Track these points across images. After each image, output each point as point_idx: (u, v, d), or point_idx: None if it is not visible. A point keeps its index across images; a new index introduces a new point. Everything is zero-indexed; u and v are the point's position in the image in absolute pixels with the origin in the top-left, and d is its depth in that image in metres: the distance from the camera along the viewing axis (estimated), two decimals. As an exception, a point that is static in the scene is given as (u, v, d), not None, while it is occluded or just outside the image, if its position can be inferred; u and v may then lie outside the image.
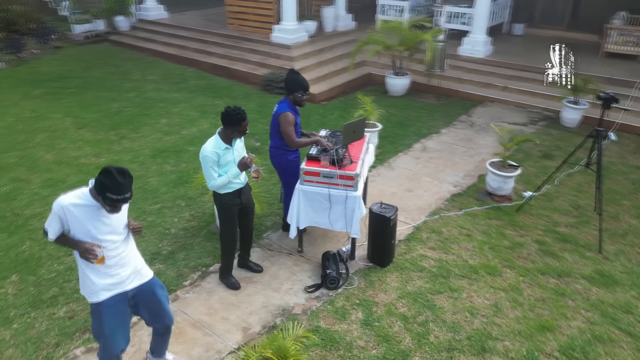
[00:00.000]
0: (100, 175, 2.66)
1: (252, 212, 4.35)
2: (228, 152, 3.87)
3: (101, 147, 6.98)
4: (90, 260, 2.81)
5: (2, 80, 9.69)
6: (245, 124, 3.80)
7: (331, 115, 8.60)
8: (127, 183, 2.69)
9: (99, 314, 2.96)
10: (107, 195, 2.65)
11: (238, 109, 3.76)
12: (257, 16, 11.61)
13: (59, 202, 2.75)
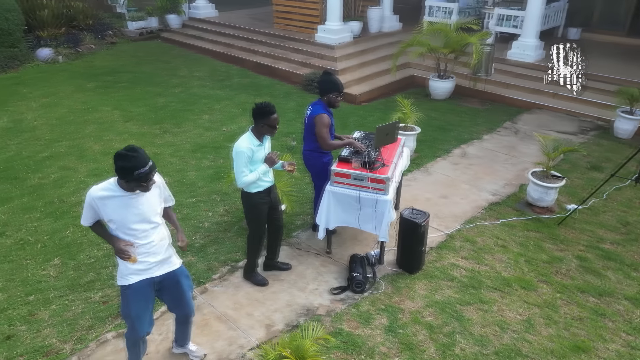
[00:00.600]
0: (118, 162, 2.70)
1: (280, 211, 4.38)
2: (260, 150, 3.93)
3: (145, 140, 7.24)
4: (124, 259, 2.92)
5: (59, 73, 10.25)
6: (274, 118, 3.83)
7: (370, 117, 8.53)
8: (143, 154, 2.75)
9: (127, 296, 3.08)
10: (136, 173, 2.69)
11: (267, 103, 3.83)
12: (302, 16, 11.69)
13: (90, 194, 2.85)
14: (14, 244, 4.89)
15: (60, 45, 11.50)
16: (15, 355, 3.60)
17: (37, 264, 4.60)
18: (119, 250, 2.92)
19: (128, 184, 2.79)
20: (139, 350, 3.33)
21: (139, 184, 2.77)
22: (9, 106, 8.41)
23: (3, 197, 5.70)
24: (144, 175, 2.72)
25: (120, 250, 2.92)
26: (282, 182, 5.17)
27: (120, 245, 2.92)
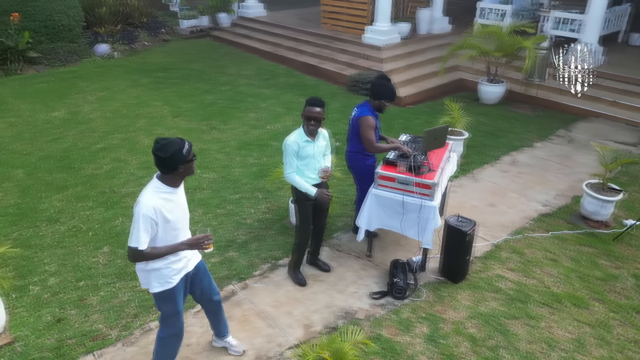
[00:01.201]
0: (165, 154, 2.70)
1: (326, 211, 4.37)
2: (308, 146, 3.96)
3: (192, 136, 7.42)
4: (206, 247, 2.94)
5: (115, 69, 10.68)
6: (308, 109, 3.84)
7: (416, 120, 8.38)
8: (173, 138, 2.78)
9: (173, 296, 3.09)
10: (184, 153, 2.74)
11: (314, 97, 3.91)
12: (350, 16, 11.65)
13: (143, 207, 2.73)
14: (68, 230, 5.12)
15: (116, 42, 11.99)
16: (65, 337, 3.75)
17: (88, 251, 4.79)
18: (197, 241, 2.92)
19: (177, 174, 2.81)
20: (179, 345, 3.36)
21: (191, 163, 2.81)
22: (67, 99, 8.83)
23: (59, 186, 5.98)
24: (189, 152, 2.78)
25: (197, 241, 2.93)
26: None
27: (195, 238, 2.95)
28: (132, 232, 2.77)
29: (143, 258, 2.85)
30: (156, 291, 3.04)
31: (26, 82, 9.58)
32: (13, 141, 7.11)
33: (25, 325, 3.84)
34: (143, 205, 2.74)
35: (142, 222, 2.74)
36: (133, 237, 2.77)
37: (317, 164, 4.07)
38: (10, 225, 5.15)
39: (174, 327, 3.24)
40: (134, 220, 2.77)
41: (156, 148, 2.74)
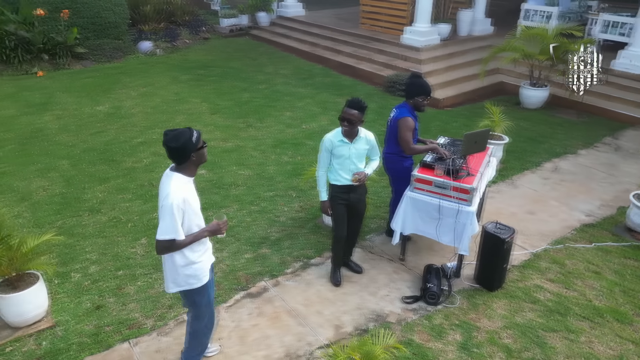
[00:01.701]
0: (176, 144, 2.74)
1: (360, 214, 4.32)
2: (343, 146, 3.95)
3: (229, 133, 7.53)
4: (223, 231, 3.00)
5: (157, 65, 10.96)
6: (348, 111, 3.80)
7: (454, 123, 8.22)
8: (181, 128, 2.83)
9: (206, 290, 3.15)
10: (194, 141, 2.78)
11: (354, 98, 3.89)
12: (389, 17, 11.55)
13: (175, 199, 2.75)
14: (108, 221, 5.28)
15: (159, 39, 12.30)
16: (103, 324, 3.87)
17: (127, 242, 4.93)
18: (217, 227, 2.96)
19: (191, 162, 2.83)
20: (211, 334, 3.44)
21: (202, 151, 2.84)
22: (111, 93, 9.13)
23: (102, 177, 6.19)
24: (200, 138, 2.83)
25: (217, 227, 2.97)
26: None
27: (214, 224, 2.98)
28: (165, 224, 2.77)
29: (173, 249, 2.86)
30: (198, 286, 3.07)
31: (73, 77, 9.96)
32: (59, 133, 7.41)
33: (66, 311, 3.99)
34: (174, 197, 2.75)
35: (176, 213, 2.76)
36: (168, 229, 2.77)
37: (352, 165, 4.03)
38: (55, 214, 5.36)
39: (210, 317, 3.31)
40: (164, 213, 2.77)
41: (167, 139, 2.76)
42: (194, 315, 3.26)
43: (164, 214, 2.78)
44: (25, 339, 3.68)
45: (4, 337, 3.66)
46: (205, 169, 6.37)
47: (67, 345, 3.66)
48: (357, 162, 4.04)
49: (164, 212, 2.78)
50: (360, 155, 4.04)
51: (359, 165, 4.06)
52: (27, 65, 10.18)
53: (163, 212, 2.78)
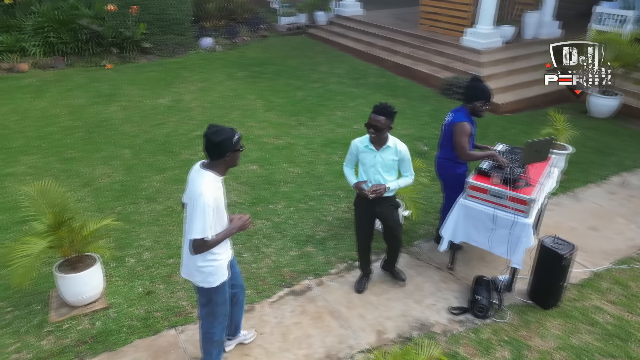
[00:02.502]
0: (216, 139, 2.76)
1: (390, 228, 4.07)
2: (368, 153, 3.78)
3: (281, 130, 7.61)
4: (248, 224, 3.04)
5: (216, 61, 11.27)
6: (374, 117, 3.60)
7: (513, 129, 7.88)
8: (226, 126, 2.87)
9: (224, 286, 3.12)
10: (233, 142, 2.82)
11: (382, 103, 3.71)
12: (450, 17, 11.24)
13: (207, 199, 2.76)
14: (163, 210, 5.48)
15: (219, 36, 12.65)
16: (152, 310, 4.02)
17: (179, 232, 5.07)
18: (244, 223, 3.01)
19: (223, 161, 2.85)
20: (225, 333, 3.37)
21: (237, 153, 2.88)
22: (172, 87, 9.48)
23: (160, 167, 6.43)
24: (239, 142, 2.87)
25: (244, 223, 3.02)
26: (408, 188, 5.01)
27: (240, 220, 3.02)
28: (196, 224, 2.76)
29: (207, 247, 2.87)
30: (217, 284, 3.04)
31: (138, 70, 10.44)
32: (123, 123, 7.78)
33: (119, 294, 4.17)
34: (207, 197, 2.75)
35: (208, 212, 2.76)
36: (199, 229, 2.76)
37: (377, 175, 3.78)
38: (115, 200, 5.63)
39: (223, 315, 3.21)
40: (197, 213, 2.75)
41: (209, 132, 2.79)
42: (208, 313, 3.17)
43: (196, 213, 2.76)
44: (80, 317, 3.89)
45: (62, 314, 3.88)
46: (257, 165, 6.47)
47: (119, 327, 3.83)
48: (384, 172, 3.77)
49: (196, 211, 2.76)
50: (387, 166, 3.77)
51: (386, 177, 3.78)
52: (98, 57, 10.77)
53: (196, 212, 2.77)
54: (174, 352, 3.63)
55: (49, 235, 3.63)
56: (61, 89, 9.10)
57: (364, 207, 3.98)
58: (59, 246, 3.75)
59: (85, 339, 3.69)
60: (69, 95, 8.79)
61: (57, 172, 6.13)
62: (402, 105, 8.83)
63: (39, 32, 10.40)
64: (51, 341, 3.66)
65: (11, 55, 10.07)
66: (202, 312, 3.22)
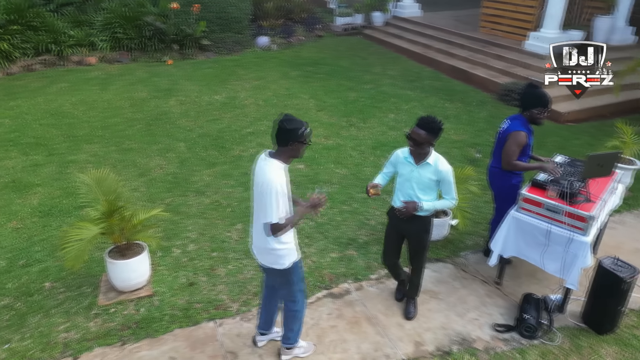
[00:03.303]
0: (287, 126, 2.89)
1: (414, 249, 3.80)
2: (406, 165, 3.57)
3: (331, 131, 7.59)
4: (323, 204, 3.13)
5: (271, 60, 11.44)
6: (415, 130, 3.37)
7: (575, 140, 7.44)
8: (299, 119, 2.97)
9: (299, 267, 3.29)
10: (300, 133, 2.92)
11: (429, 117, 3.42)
12: (513, 20, 10.79)
13: (278, 185, 2.88)
14: (211, 203, 5.61)
15: (276, 35, 12.83)
16: (193, 301, 4.11)
17: (224, 226, 5.20)
18: (314, 202, 3.10)
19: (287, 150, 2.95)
20: None
21: (301, 145, 2.96)
22: (227, 84, 9.71)
23: (211, 162, 6.60)
24: (307, 135, 2.96)
25: (314, 202, 3.10)
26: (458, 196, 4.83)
27: (312, 200, 3.11)
28: (272, 208, 2.91)
29: (282, 229, 3.00)
30: (293, 261, 3.19)
31: (196, 67, 10.78)
32: (180, 117, 8.05)
33: (164, 283, 4.31)
34: (277, 183, 2.90)
35: (280, 197, 2.92)
36: (274, 213, 2.92)
37: (410, 190, 3.55)
38: (166, 191, 5.83)
39: (302, 294, 3.38)
40: (270, 198, 2.89)
41: (282, 119, 2.95)
42: (288, 293, 3.33)
43: (270, 199, 2.90)
44: (126, 303, 4.04)
45: (109, 298, 4.06)
46: (304, 164, 6.49)
47: (161, 315, 3.95)
48: (418, 190, 3.53)
49: (270, 197, 2.90)
50: (423, 184, 3.51)
51: (420, 196, 3.54)
52: (160, 53, 11.23)
53: (269, 198, 2.90)
54: (210, 344, 3.70)
55: (102, 222, 3.81)
56: (125, 83, 9.56)
57: (392, 221, 3.82)
58: (110, 233, 3.92)
59: (130, 324, 3.84)
60: (132, 89, 9.21)
61: (115, 162, 6.43)
62: (458, 109, 8.58)
63: (107, 27, 10.98)
64: (98, 323, 3.83)
65: (81, 49, 10.70)
66: (282, 292, 3.38)
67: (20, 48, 10.00)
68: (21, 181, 5.80)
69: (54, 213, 5.23)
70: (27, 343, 3.62)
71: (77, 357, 3.54)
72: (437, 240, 5.00)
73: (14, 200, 5.42)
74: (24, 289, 4.15)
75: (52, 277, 4.30)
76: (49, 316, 3.88)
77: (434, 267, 4.66)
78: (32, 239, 4.79)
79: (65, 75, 9.83)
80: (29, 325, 3.78)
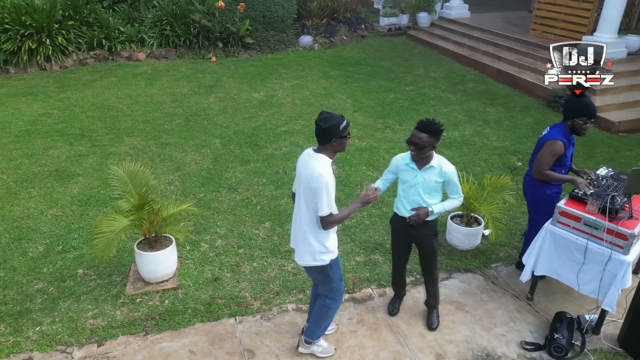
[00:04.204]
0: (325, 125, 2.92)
1: (426, 255, 3.71)
2: (409, 172, 3.47)
3: (366, 132, 7.50)
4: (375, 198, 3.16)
5: (312, 59, 11.45)
6: (415, 134, 3.29)
7: (627, 152, 7.00)
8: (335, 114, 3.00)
9: (337, 264, 3.32)
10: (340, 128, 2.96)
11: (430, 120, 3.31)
12: (566, 23, 10.29)
13: (328, 177, 2.98)
14: (241, 200, 5.68)
15: (319, 35, 12.83)
16: (216, 296, 4.17)
17: (253, 223, 5.24)
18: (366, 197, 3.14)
19: (331, 146, 3.01)
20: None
21: (344, 140, 3.01)
22: (267, 82, 9.81)
23: (244, 159, 6.68)
24: (346, 128, 3.00)
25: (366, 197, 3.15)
26: (492, 206, 4.65)
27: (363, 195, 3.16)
28: (323, 202, 2.97)
29: (334, 222, 3.07)
30: (327, 263, 3.21)
31: (239, 64, 10.96)
32: (218, 114, 8.20)
33: (189, 276, 4.39)
34: (327, 177, 2.97)
35: (331, 190, 3.00)
36: (326, 206, 2.99)
37: (416, 196, 3.47)
38: (200, 186, 5.95)
39: (340, 291, 3.42)
40: (321, 192, 2.96)
41: (319, 119, 2.98)
42: (327, 290, 3.38)
43: (320, 192, 2.97)
44: (152, 294, 4.15)
45: (137, 288, 4.18)
46: (335, 165, 6.44)
47: (184, 308, 4.03)
48: (425, 194, 3.45)
49: (320, 190, 2.97)
50: (430, 188, 3.44)
51: (427, 199, 3.46)
52: (205, 50, 11.49)
53: (320, 191, 2.97)
54: (229, 341, 3.73)
55: (132, 214, 3.92)
56: (170, 78, 9.85)
57: (398, 229, 3.72)
58: (140, 225, 4.03)
59: (154, 315, 3.94)
60: (175, 85, 9.48)
61: (153, 155, 6.63)
62: (500, 115, 8.28)
63: (156, 24, 11.35)
64: (124, 312, 3.95)
65: (131, 44, 11.11)
66: (322, 289, 3.42)
67: (75, 42, 10.51)
68: (64, 170, 6.09)
69: (91, 202, 5.45)
70: (57, 327, 3.79)
71: (101, 344, 3.66)
72: (468, 250, 4.84)
73: (56, 189, 5.69)
74: (58, 274, 4.35)
75: (86, 264, 4.48)
76: (79, 302, 4.04)
77: (463, 277, 4.51)
78: (69, 227, 5.01)
79: (115, 69, 10.25)
80: (59, 309, 3.96)
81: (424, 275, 3.87)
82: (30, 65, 9.99)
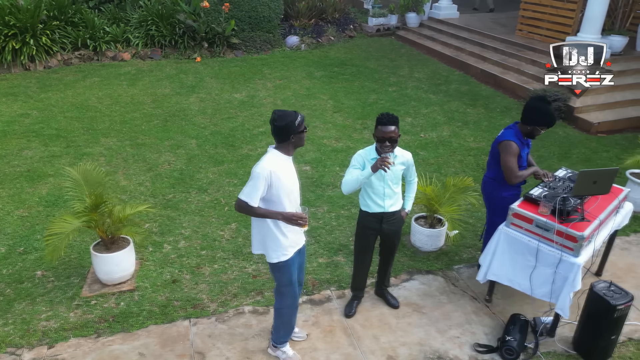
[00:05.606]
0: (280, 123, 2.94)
1: (392, 247, 3.91)
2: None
3: (343, 133, 7.48)
4: (301, 224, 3.08)
5: (297, 60, 11.43)
6: (387, 130, 3.33)
7: (604, 153, 6.97)
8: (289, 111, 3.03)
9: (287, 267, 3.26)
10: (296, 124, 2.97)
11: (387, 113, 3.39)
12: (552, 24, 10.25)
13: (263, 170, 2.95)
14: (210, 201, 5.66)
15: (306, 35, 12.81)
16: (173, 298, 4.16)
17: (219, 224, 5.22)
18: (292, 217, 3.05)
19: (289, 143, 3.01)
20: (295, 318, 3.52)
21: (301, 135, 3.02)
22: (250, 83, 9.79)
23: (218, 160, 6.66)
24: (302, 123, 3.00)
25: (292, 217, 3.05)
26: (452, 207, 4.63)
27: (292, 213, 3.07)
28: (247, 188, 3.01)
29: (248, 212, 3.08)
30: (273, 262, 3.22)
31: (223, 65, 10.94)
32: (197, 114, 8.19)
33: (148, 278, 4.38)
34: (262, 167, 2.97)
35: (259, 180, 2.96)
36: (245, 192, 3.01)
37: (387, 189, 3.58)
38: (170, 187, 5.94)
39: (288, 296, 3.38)
40: (250, 178, 3.00)
41: (273, 118, 2.99)
42: (275, 291, 3.43)
43: (250, 179, 3.02)
44: (108, 296, 4.14)
45: (93, 290, 4.17)
46: (309, 166, 6.43)
47: (139, 310, 4.02)
48: (393, 185, 3.59)
49: (250, 177, 3.01)
50: (397, 177, 3.59)
51: (394, 189, 3.61)
52: (190, 51, 11.47)
53: (250, 178, 3.01)
54: (181, 343, 3.72)
55: (84, 216, 3.91)
56: (153, 79, 9.84)
57: (370, 227, 3.73)
58: (95, 227, 4.02)
59: (107, 317, 3.92)
60: (158, 85, 9.47)
61: (127, 156, 6.62)
62: (479, 116, 8.25)
63: (142, 24, 11.34)
64: (78, 314, 3.94)
65: (116, 45, 11.11)
66: (275, 288, 3.45)
67: (60, 43, 10.51)
68: (36, 171, 6.08)
69: (59, 203, 5.44)
70: (8, 329, 3.78)
71: (52, 346, 3.65)
72: (431, 252, 4.81)
73: (25, 189, 5.68)
74: (16, 275, 4.34)
75: (45, 266, 4.46)
76: (34, 304, 4.03)
77: (423, 279, 4.49)
78: (34, 227, 5.00)
79: (99, 70, 10.24)
80: (13, 311, 3.95)
81: (384, 267, 4.00)
82: (14, 65, 9.99)
